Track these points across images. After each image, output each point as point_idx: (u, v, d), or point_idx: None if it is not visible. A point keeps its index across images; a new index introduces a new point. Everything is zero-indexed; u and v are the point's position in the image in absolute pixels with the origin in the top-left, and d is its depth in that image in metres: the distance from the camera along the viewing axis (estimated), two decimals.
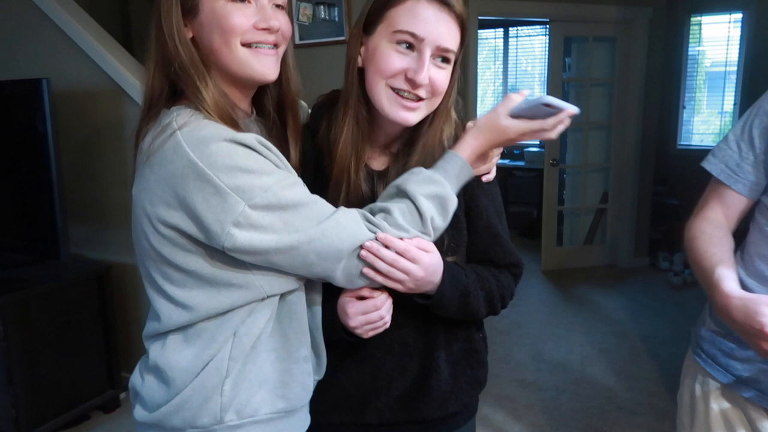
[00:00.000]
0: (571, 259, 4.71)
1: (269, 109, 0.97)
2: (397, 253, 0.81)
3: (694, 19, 5.58)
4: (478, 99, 6.74)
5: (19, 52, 2.52)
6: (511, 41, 6.63)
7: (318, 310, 0.94)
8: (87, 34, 2.36)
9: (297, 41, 3.01)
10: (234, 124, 0.82)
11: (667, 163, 5.38)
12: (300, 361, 0.90)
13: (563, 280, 4.38)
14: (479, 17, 4.01)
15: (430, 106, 0.91)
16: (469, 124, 0.94)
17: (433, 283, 0.88)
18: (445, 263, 0.90)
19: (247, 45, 0.84)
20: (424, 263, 0.84)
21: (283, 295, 0.87)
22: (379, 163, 1.00)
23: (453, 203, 0.87)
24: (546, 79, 4.54)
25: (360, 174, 0.94)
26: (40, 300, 2.19)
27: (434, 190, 0.85)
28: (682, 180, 5.05)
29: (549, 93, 4.37)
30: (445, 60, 0.88)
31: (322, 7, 2.93)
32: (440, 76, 0.88)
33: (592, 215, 4.81)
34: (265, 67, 0.86)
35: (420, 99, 0.88)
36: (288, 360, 0.89)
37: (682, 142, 5.80)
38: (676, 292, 4.11)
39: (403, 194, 0.85)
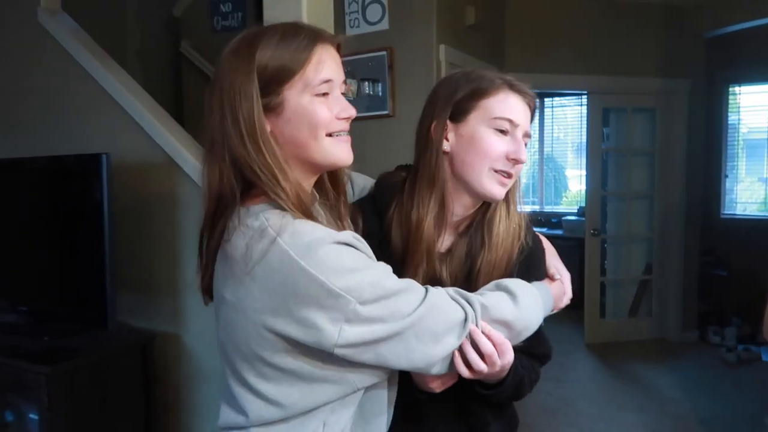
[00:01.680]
0: (616, 332, 4.54)
1: (328, 187, 0.99)
2: (494, 344, 0.85)
3: (732, 89, 5.58)
4: None
5: (81, 128, 2.65)
6: (546, 110, 6.72)
7: (394, 387, 0.94)
8: (143, 108, 2.47)
9: None
10: (312, 217, 0.83)
11: (712, 232, 5.24)
12: None
13: (609, 354, 4.21)
14: None
15: (514, 180, 1.01)
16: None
17: (501, 376, 0.93)
18: None
19: (329, 135, 0.88)
20: (507, 360, 0.87)
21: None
22: (444, 243, 1.03)
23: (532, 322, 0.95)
24: (585, 148, 4.54)
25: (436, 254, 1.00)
26: (86, 370, 2.19)
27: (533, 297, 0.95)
28: (728, 250, 4.90)
29: (589, 163, 4.38)
30: (525, 143, 1.00)
31: (366, 83, 3.03)
32: (526, 156, 1.00)
33: (636, 286, 4.67)
34: (346, 153, 0.90)
35: (510, 176, 0.98)
36: None
37: (726, 211, 5.67)
38: (731, 369, 3.90)
39: (501, 287, 0.93)
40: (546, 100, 6.65)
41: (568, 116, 6.67)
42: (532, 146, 6.83)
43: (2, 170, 2.51)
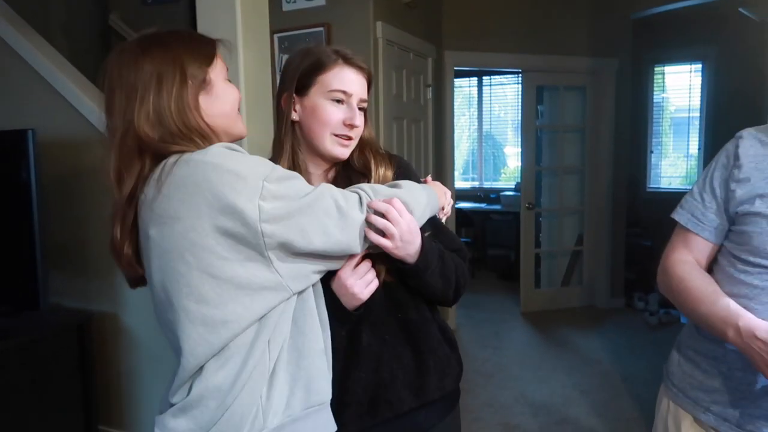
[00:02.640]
0: (549, 301, 4.77)
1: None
2: (382, 214, 0.98)
3: (658, 69, 5.87)
4: (455, 143, 6.92)
5: (7, 105, 2.54)
6: (485, 89, 6.86)
7: (321, 301, 1.02)
8: (70, 83, 2.40)
9: None
10: None
11: (639, 205, 5.55)
12: (320, 353, 0.98)
13: (543, 322, 4.43)
14: (455, 68, 4.17)
15: (354, 144, 1.16)
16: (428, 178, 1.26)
17: (415, 245, 1.04)
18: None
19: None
20: (406, 218, 0.99)
21: (297, 295, 0.95)
22: None
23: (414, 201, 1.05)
24: (520, 125, 4.69)
25: None
26: (16, 352, 2.14)
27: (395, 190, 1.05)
28: (654, 222, 5.20)
29: (523, 140, 4.54)
30: (362, 108, 1.15)
31: None
32: (362, 119, 1.15)
33: (569, 257, 4.91)
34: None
35: (350, 138, 1.14)
36: (309, 356, 0.96)
37: (651, 185, 6.00)
38: (653, 331, 4.18)
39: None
40: (484, 78, 6.79)
41: (508, 95, 6.83)
42: (471, 124, 6.98)
43: None
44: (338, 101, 1.11)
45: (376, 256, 1.05)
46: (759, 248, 1.06)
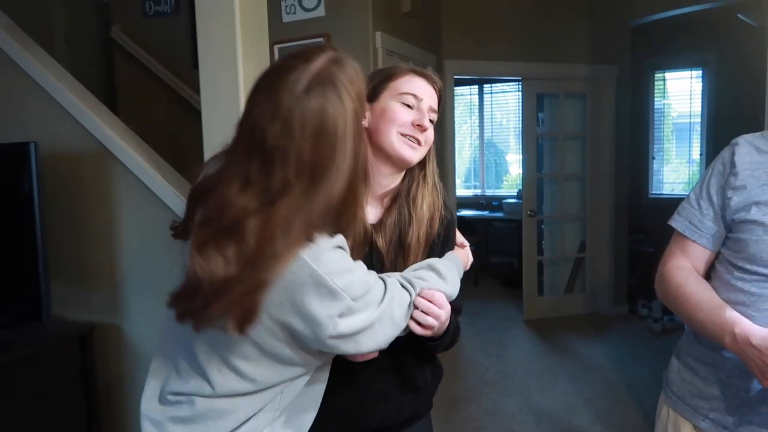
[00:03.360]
0: (552, 308, 4.75)
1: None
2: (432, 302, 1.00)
3: (658, 75, 5.88)
4: (456, 152, 6.93)
5: (9, 118, 2.56)
6: (486, 97, 6.88)
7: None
8: (73, 96, 2.41)
9: None
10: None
11: (641, 212, 5.54)
12: (308, 421, 1.03)
13: (546, 330, 4.41)
14: (455, 76, 4.19)
15: (423, 152, 1.14)
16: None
17: (444, 328, 1.07)
18: None
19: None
20: (446, 310, 1.02)
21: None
22: (372, 216, 1.14)
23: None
24: (521, 132, 4.70)
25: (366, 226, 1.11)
26: (19, 364, 2.15)
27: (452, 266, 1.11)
28: (656, 228, 5.17)
29: (524, 147, 4.54)
30: (431, 120, 1.14)
31: None
32: (431, 130, 1.14)
33: (571, 264, 4.90)
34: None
35: (420, 143, 1.12)
36: (305, 414, 1.02)
37: (653, 192, 5.99)
38: (656, 338, 4.17)
39: (431, 267, 1.06)
40: (485, 86, 6.81)
41: (510, 102, 6.85)
42: (473, 132, 6.99)
43: None
44: (408, 105, 1.11)
45: None
46: (756, 256, 1.06)
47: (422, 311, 0.99)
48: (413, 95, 1.12)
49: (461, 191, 6.88)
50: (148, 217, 2.32)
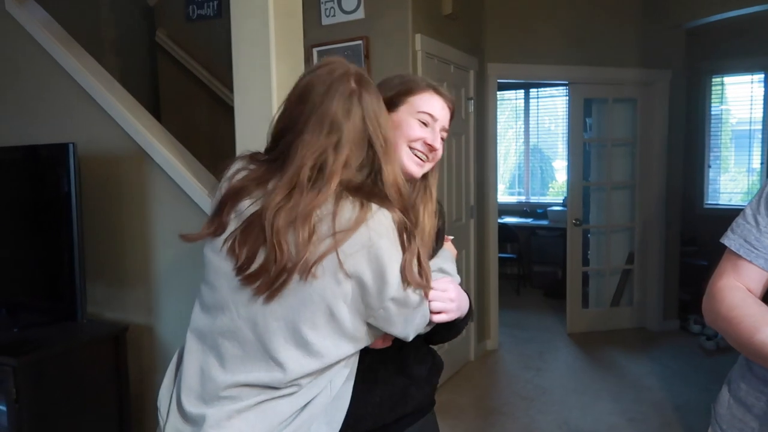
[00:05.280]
0: (597, 322, 4.57)
1: None
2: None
3: (716, 80, 5.59)
4: (501, 157, 6.80)
5: (51, 119, 2.62)
6: (532, 101, 6.72)
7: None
8: (113, 99, 2.45)
9: None
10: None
11: (695, 223, 5.27)
12: (342, 412, 1.05)
13: (590, 344, 4.24)
14: (498, 80, 4.08)
15: (428, 168, 1.21)
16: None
17: (465, 306, 1.15)
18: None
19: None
20: (454, 293, 1.09)
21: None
22: None
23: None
24: (567, 139, 4.54)
25: None
26: (54, 361, 2.18)
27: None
28: (711, 240, 4.92)
29: (570, 153, 4.39)
30: (442, 138, 1.22)
31: None
32: (440, 148, 1.21)
33: (618, 276, 4.70)
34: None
35: (426, 160, 1.19)
36: (341, 409, 1.04)
37: (709, 201, 5.70)
38: (709, 357, 3.94)
39: (440, 270, 1.13)
40: (532, 90, 6.65)
41: (558, 107, 6.66)
42: (519, 137, 6.83)
43: None
44: (424, 123, 1.17)
45: None
46: None
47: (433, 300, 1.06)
48: (430, 115, 1.18)
49: (505, 198, 6.74)
50: (182, 219, 2.32)
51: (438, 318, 1.06)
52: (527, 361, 3.92)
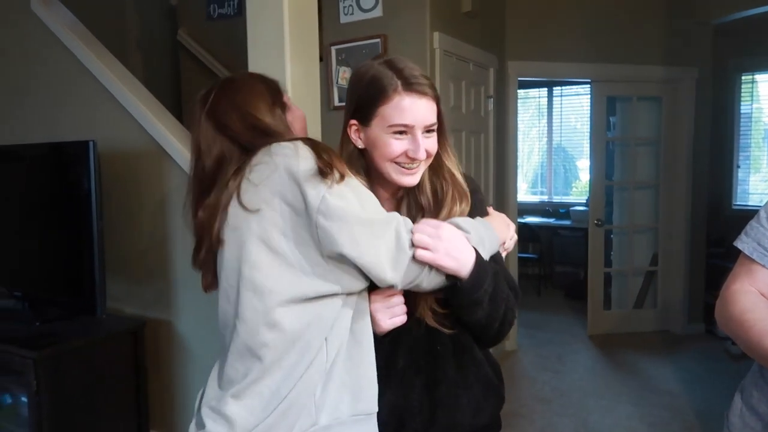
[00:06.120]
0: (619, 324, 4.49)
1: None
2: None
3: (746, 77, 5.45)
4: (525, 156, 6.73)
5: (73, 117, 2.67)
6: (556, 100, 6.63)
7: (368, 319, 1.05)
8: (133, 97, 2.49)
9: (336, 103, 3.10)
10: None
11: (722, 224, 5.14)
12: (371, 366, 1.01)
13: (611, 346, 4.17)
14: (519, 78, 4.04)
15: (426, 165, 1.11)
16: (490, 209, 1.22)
17: (464, 256, 1.00)
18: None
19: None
20: (445, 232, 0.99)
21: (357, 302, 1.01)
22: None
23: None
24: (589, 138, 4.47)
25: None
26: (73, 355, 2.22)
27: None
28: None
29: (592, 152, 4.32)
30: (431, 131, 1.08)
31: None
32: (431, 143, 1.09)
33: (642, 278, 4.61)
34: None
35: (415, 167, 1.08)
36: (362, 365, 1.00)
37: (738, 202, 5.56)
38: (735, 362, 3.84)
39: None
40: (555, 88, 6.56)
41: (584, 105, 6.54)
42: (542, 136, 6.75)
43: None
44: (401, 132, 1.06)
45: (419, 294, 1.05)
46: None
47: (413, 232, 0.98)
48: (403, 125, 1.05)
49: (527, 197, 6.66)
50: None
51: (421, 254, 0.96)
52: (546, 363, 3.87)
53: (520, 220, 4.36)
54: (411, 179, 1.08)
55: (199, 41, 3.75)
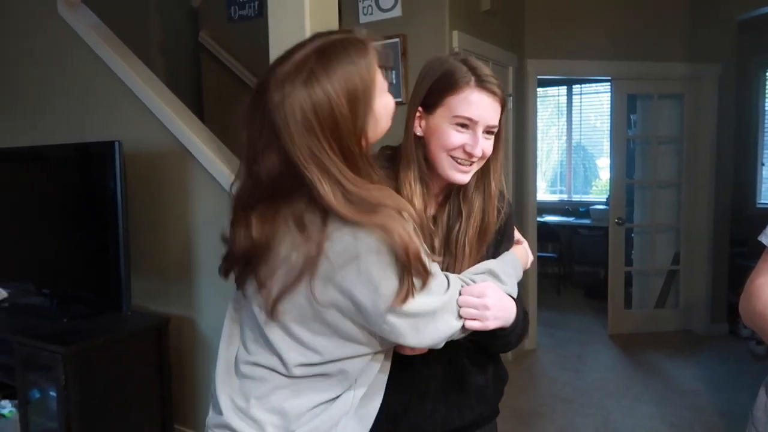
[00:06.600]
0: (641, 323, 4.45)
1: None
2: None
3: None
4: (544, 155, 6.69)
5: (99, 118, 2.73)
6: (575, 98, 6.57)
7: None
8: (158, 99, 2.53)
9: None
10: None
11: (746, 223, 5.06)
12: (374, 410, 1.03)
13: (632, 346, 4.13)
14: (538, 77, 4.02)
15: (478, 167, 1.11)
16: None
17: (508, 316, 1.04)
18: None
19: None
20: (491, 299, 1.00)
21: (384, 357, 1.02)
22: (429, 212, 1.15)
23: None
24: (610, 136, 4.44)
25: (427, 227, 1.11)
26: (100, 351, 2.27)
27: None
28: None
29: (613, 151, 4.28)
30: (490, 132, 1.08)
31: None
32: (488, 144, 1.08)
33: (664, 277, 4.56)
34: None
35: (472, 163, 1.08)
36: (367, 407, 1.02)
37: (762, 201, 5.46)
38: (759, 362, 3.78)
39: (489, 272, 1.06)
40: (575, 86, 6.51)
41: (604, 103, 6.48)
42: (561, 134, 6.70)
43: (20, 158, 2.61)
44: (463, 126, 1.05)
45: None
46: None
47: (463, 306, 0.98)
48: (468, 119, 1.04)
49: (546, 196, 6.62)
50: (223, 215, 2.38)
51: (470, 325, 0.97)
52: (566, 363, 3.85)
53: (539, 219, 4.33)
54: (462, 176, 1.08)
55: (220, 43, 3.80)
